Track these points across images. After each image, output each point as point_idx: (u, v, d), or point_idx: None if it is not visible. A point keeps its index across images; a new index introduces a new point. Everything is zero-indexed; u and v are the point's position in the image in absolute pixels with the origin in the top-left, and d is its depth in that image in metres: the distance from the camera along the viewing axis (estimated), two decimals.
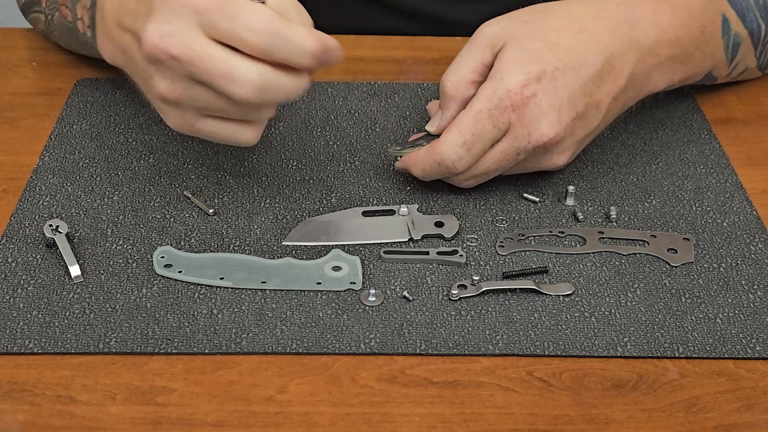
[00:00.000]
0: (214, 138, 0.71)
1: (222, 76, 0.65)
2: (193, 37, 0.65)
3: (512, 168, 0.78)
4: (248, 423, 0.62)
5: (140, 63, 0.69)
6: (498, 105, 0.74)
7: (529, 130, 0.74)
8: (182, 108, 0.69)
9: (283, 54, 0.65)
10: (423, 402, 0.64)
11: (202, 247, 0.74)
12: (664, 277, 0.73)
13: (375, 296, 0.70)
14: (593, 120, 0.77)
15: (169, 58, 0.66)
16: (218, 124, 0.70)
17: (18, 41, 1.00)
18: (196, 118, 0.70)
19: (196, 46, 0.65)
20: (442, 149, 0.75)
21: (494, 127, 0.74)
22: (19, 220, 0.76)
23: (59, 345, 0.66)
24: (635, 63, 0.78)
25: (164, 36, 0.66)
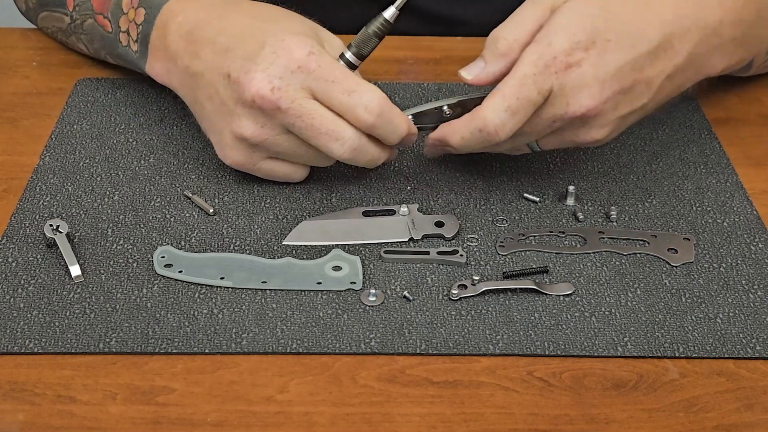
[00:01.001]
0: (269, 175, 0.78)
1: (325, 133, 0.72)
2: (303, 96, 0.71)
3: (549, 138, 0.76)
4: (248, 423, 0.62)
5: (225, 100, 0.73)
6: (543, 71, 0.71)
7: (568, 99, 0.72)
8: (255, 150, 0.75)
9: (381, 132, 0.73)
10: (423, 402, 0.64)
11: (203, 247, 0.74)
12: (664, 277, 0.73)
13: (375, 296, 0.70)
14: (641, 97, 0.74)
15: (273, 109, 0.71)
16: (281, 165, 0.77)
17: (18, 41, 1.00)
18: (262, 159, 0.76)
19: (304, 104, 0.71)
20: (485, 114, 0.72)
21: (538, 93, 0.71)
22: (19, 220, 0.76)
23: (59, 345, 0.66)
24: (696, 42, 0.75)
25: (275, 89, 0.71)
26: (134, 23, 0.83)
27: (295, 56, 0.71)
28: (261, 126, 0.73)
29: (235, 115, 0.73)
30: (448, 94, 0.92)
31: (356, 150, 0.73)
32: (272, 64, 0.71)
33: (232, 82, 0.72)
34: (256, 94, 0.71)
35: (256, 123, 0.73)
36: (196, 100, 0.77)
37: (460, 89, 0.93)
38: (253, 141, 0.74)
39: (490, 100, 0.72)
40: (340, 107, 0.72)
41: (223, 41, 0.74)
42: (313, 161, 0.77)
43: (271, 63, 0.71)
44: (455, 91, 0.93)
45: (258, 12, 0.77)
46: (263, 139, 0.73)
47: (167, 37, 0.79)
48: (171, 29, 0.78)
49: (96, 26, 0.89)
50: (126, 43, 0.85)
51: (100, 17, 0.88)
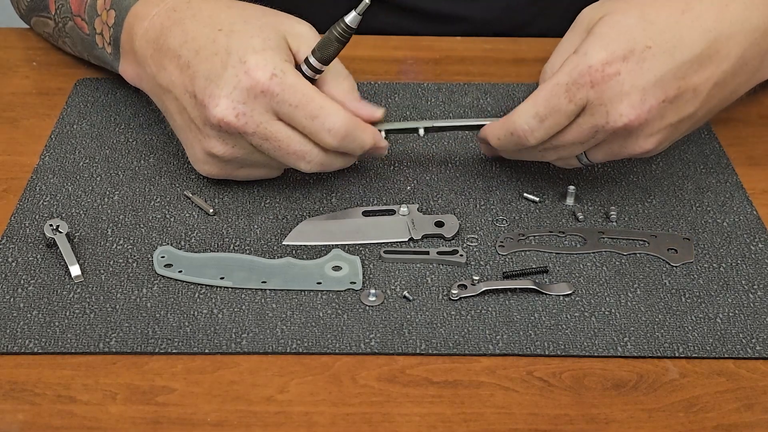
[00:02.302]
0: (247, 179, 0.79)
1: (295, 154, 0.73)
2: (268, 120, 0.72)
3: (597, 150, 0.75)
4: (248, 423, 0.62)
5: (193, 119, 0.74)
6: (576, 80, 0.70)
7: (607, 109, 0.70)
8: (228, 163, 0.76)
9: (347, 149, 0.74)
10: (423, 402, 0.64)
11: (203, 247, 0.74)
12: (664, 276, 0.73)
13: (375, 296, 0.70)
14: (688, 106, 0.72)
15: (239, 131, 0.72)
16: (254, 170, 0.78)
17: (18, 41, 1.00)
18: (234, 169, 0.77)
19: (271, 128, 0.72)
20: (515, 118, 0.73)
21: (570, 101, 0.71)
22: (19, 220, 0.76)
23: (59, 345, 0.66)
24: (746, 47, 0.73)
25: (240, 115, 0.71)
26: (107, 25, 0.83)
27: (257, 80, 0.70)
28: (231, 146, 0.73)
29: (205, 134, 0.74)
30: (448, 94, 0.92)
31: (323, 164, 0.74)
32: (235, 89, 0.71)
33: (198, 103, 0.73)
34: (222, 120, 0.71)
35: (226, 144, 0.73)
36: (167, 111, 0.78)
37: (460, 89, 0.93)
38: (224, 158, 0.74)
39: (522, 106, 0.73)
40: (305, 130, 0.72)
41: (185, 55, 0.74)
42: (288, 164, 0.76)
43: (234, 87, 0.71)
44: (455, 91, 0.93)
45: (216, 16, 0.75)
46: (234, 156, 0.74)
47: (134, 41, 0.78)
48: (138, 34, 0.78)
49: (75, 28, 0.89)
50: (102, 45, 0.85)
51: (78, 19, 0.88)
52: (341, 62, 0.77)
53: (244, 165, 0.76)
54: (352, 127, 0.73)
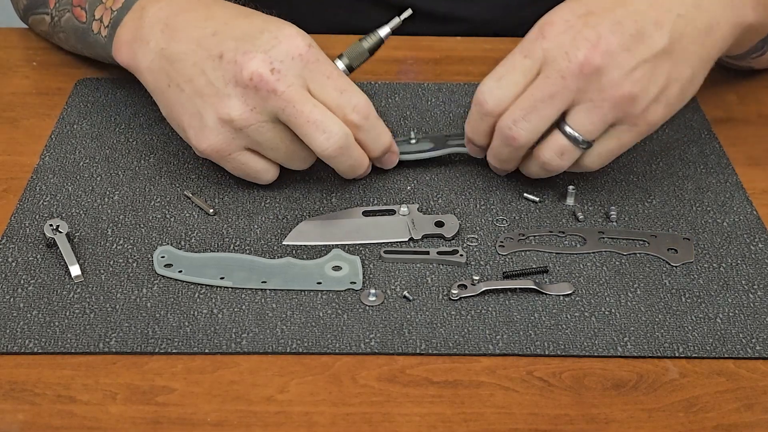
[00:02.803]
0: (239, 169, 0.76)
1: (314, 123, 0.72)
2: (299, 84, 0.72)
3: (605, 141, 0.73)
4: (248, 423, 0.62)
5: (213, 81, 0.72)
6: (527, 39, 0.73)
7: (566, 49, 0.71)
8: (237, 136, 0.74)
9: (365, 137, 0.75)
10: (423, 402, 0.64)
11: (203, 247, 0.74)
12: (664, 276, 0.73)
13: (375, 296, 0.70)
14: (656, 39, 0.71)
15: (269, 90, 0.71)
16: (254, 159, 0.76)
17: (18, 41, 1.00)
18: (239, 148, 0.75)
19: (299, 91, 0.72)
20: (477, 92, 0.74)
21: (525, 57, 0.72)
22: (19, 220, 0.76)
23: (59, 345, 0.66)
24: None
25: (275, 71, 0.71)
26: (110, 10, 0.82)
27: (296, 44, 0.72)
28: (251, 108, 0.72)
29: (224, 95, 0.72)
30: (448, 94, 0.92)
31: (341, 148, 0.73)
32: (273, 48, 0.71)
33: (226, 62, 0.72)
34: (255, 72, 0.71)
35: (246, 105, 0.72)
36: (170, 84, 0.75)
37: (460, 89, 0.93)
38: (238, 124, 0.72)
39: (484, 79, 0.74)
40: (331, 103, 0.73)
41: (211, 26, 0.74)
42: (291, 159, 0.76)
43: (272, 46, 0.71)
44: (455, 91, 0.93)
45: (243, 8, 0.77)
46: (249, 123, 0.72)
47: (143, 18, 0.78)
48: (149, 12, 0.77)
49: (72, 19, 0.88)
50: (97, 30, 0.84)
51: (77, 9, 0.87)
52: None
53: (249, 144, 0.74)
54: (375, 115, 0.75)
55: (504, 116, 0.73)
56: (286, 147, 0.75)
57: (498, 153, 0.76)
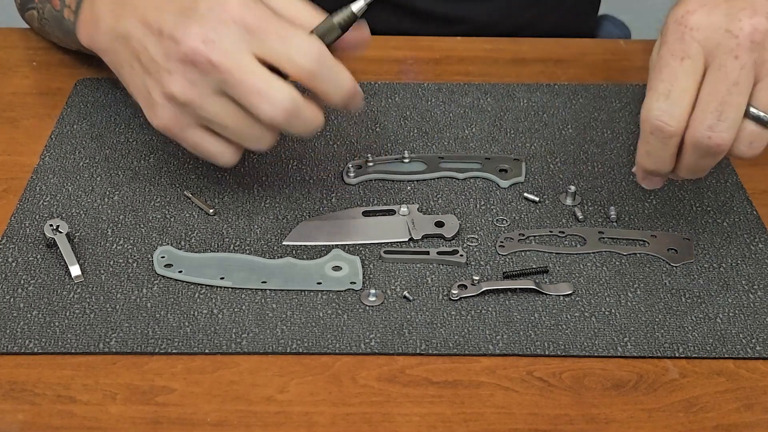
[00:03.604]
0: (195, 149, 0.73)
1: (257, 92, 0.68)
2: (237, 51, 0.68)
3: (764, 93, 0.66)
4: (248, 423, 0.62)
5: (155, 57, 0.70)
6: (673, 38, 0.65)
7: (726, 27, 0.64)
8: (184, 112, 0.71)
9: (323, 84, 0.69)
10: (423, 402, 0.64)
11: (203, 247, 0.74)
12: (664, 277, 0.73)
13: (375, 296, 0.70)
14: None
15: (206, 63, 0.68)
16: (208, 138, 0.72)
17: (18, 41, 1.00)
18: (189, 126, 0.72)
19: (238, 59, 0.68)
20: (644, 116, 0.67)
21: (681, 60, 0.65)
22: (19, 220, 0.76)
23: (59, 345, 0.66)
24: None
25: (208, 42, 0.68)
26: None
27: (230, 8, 0.69)
28: (191, 84, 0.69)
29: (166, 71, 0.70)
30: (448, 94, 0.92)
31: (289, 113, 0.69)
32: (206, 19, 0.69)
33: (166, 38, 0.70)
34: (190, 46, 0.68)
35: (185, 80, 0.69)
36: (123, 62, 0.74)
37: (460, 89, 0.93)
38: (181, 99, 0.70)
39: (645, 99, 0.67)
40: (277, 57, 0.68)
41: (167, 7, 0.71)
42: (243, 135, 0.71)
43: (206, 17, 0.69)
44: (455, 91, 0.92)
45: None
46: (192, 98, 0.70)
47: (95, 1, 0.77)
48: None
49: (51, 9, 0.88)
50: (68, 17, 0.84)
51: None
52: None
53: (199, 120, 0.71)
54: (329, 56, 0.69)
55: (695, 128, 0.66)
56: (235, 122, 0.70)
57: (694, 167, 0.69)
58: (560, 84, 0.94)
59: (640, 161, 0.70)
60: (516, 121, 0.89)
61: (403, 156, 0.83)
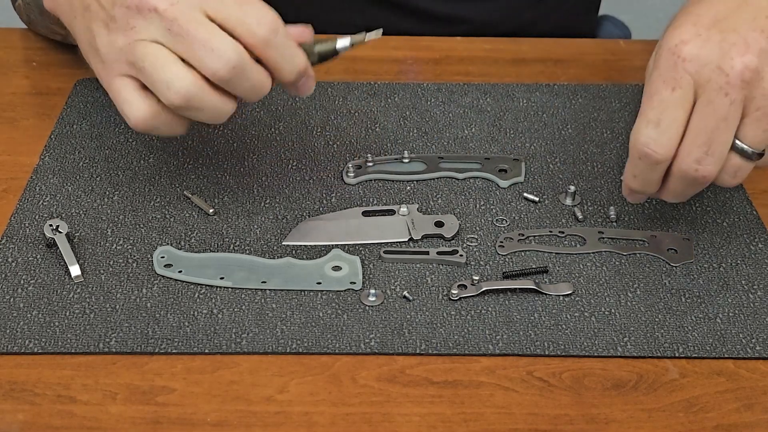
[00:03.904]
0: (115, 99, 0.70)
1: (202, 42, 0.65)
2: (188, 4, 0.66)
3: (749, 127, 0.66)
4: (248, 423, 0.62)
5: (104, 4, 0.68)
6: (665, 67, 0.66)
7: (717, 63, 0.64)
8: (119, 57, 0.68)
9: (275, 54, 0.67)
10: (423, 402, 0.64)
11: (202, 247, 0.74)
12: (664, 277, 0.73)
13: (375, 296, 0.70)
14: None
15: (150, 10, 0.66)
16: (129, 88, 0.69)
17: (18, 41, 1.00)
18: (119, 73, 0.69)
19: (186, 11, 0.65)
20: (633, 140, 0.67)
21: (673, 89, 0.65)
22: (19, 220, 0.76)
23: (59, 345, 0.66)
24: None
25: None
26: None
27: None
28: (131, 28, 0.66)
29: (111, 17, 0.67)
30: (448, 94, 0.92)
31: (235, 68, 0.66)
32: None
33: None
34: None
35: (128, 24, 0.66)
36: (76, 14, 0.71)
37: (460, 89, 0.93)
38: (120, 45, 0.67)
39: (634, 126, 0.68)
40: (231, 20, 0.66)
41: None
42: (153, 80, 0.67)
43: None
44: (455, 91, 0.93)
45: None
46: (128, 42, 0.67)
47: None
48: None
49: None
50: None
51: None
52: None
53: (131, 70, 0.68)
54: (284, 30, 0.67)
55: (682, 159, 0.67)
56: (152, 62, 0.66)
57: (678, 193, 0.70)
58: (560, 84, 0.94)
59: (627, 181, 0.71)
60: (516, 122, 0.89)
61: (403, 156, 0.83)
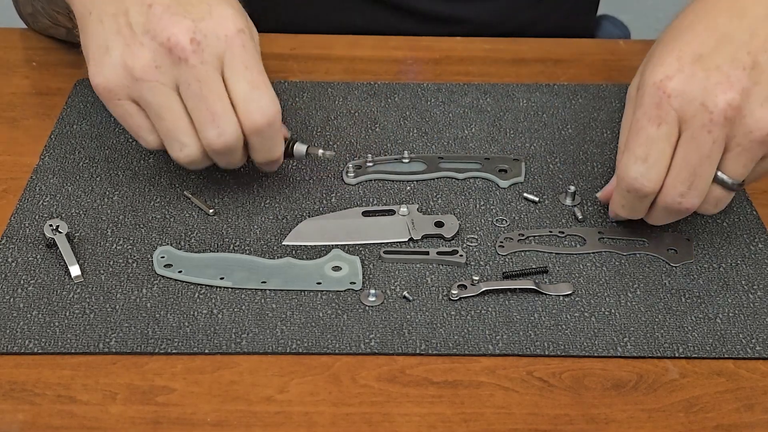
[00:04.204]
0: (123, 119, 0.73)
1: (212, 114, 0.69)
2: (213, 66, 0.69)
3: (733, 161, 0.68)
4: (248, 423, 0.62)
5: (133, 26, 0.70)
6: (650, 103, 0.67)
7: (702, 101, 0.66)
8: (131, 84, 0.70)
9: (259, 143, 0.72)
10: (423, 402, 0.64)
11: (202, 247, 0.74)
12: (664, 277, 0.73)
13: (375, 296, 0.70)
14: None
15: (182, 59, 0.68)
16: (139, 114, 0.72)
17: (18, 41, 1.00)
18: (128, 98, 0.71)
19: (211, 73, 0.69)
20: (621, 175, 0.70)
21: (658, 125, 0.67)
22: (19, 220, 0.76)
23: (59, 345, 0.66)
24: None
25: (194, 42, 0.69)
26: None
27: (227, 24, 0.69)
28: (156, 66, 0.69)
29: (138, 43, 0.69)
30: (448, 94, 0.92)
31: (227, 148, 0.71)
32: (203, 20, 0.69)
33: (152, 14, 0.69)
34: (174, 36, 0.68)
35: (154, 61, 0.69)
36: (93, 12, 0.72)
37: (460, 89, 0.93)
38: (138, 74, 0.69)
39: (620, 162, 0.70)
40: (239, 96, 0.70)
41: None
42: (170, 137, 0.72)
43: (202, 18, 0.69)
44: (454, 92, 0.93)
45: None
46: (148, 78, 0.69)
47: None
48: None
49: None
50: None
51: None
52: None
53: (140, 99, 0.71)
54: (279, 123, 0.72)
55: (666, 193, 0.69)
56: (172, 121, 0.71)
57: (663, 220, 0.72)
58: (560, 84, 0.94)
59: (615, 209, 0.73)
60: (515, 122, 0.89)
61: (403, 156, 0.83)
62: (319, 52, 0.98)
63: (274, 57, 0.96)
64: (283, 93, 0.90)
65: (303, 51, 0.98)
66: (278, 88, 0.72)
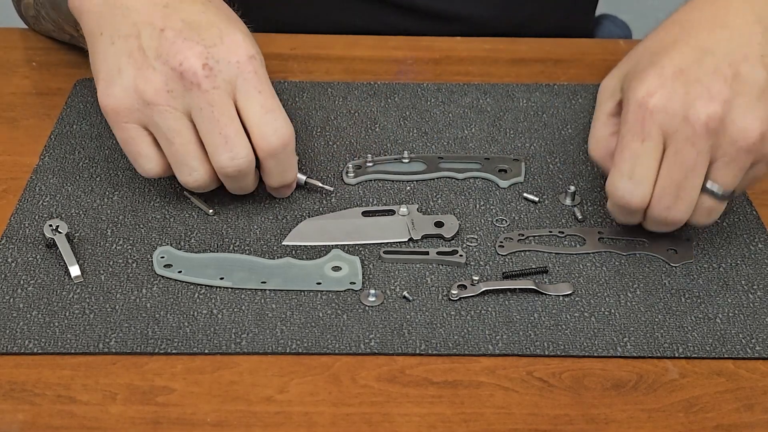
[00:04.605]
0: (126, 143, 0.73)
1: (225, 137, 0.70)
2: (225, 91, 0.70)
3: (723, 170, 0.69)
4: (248, 423, 0.62)
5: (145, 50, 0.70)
6: (633, 120, 0.68)
7: (684, 115, 0.67)
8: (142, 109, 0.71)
9: (274, 166, 0.73)
10: (423, 402, 0.64)
11: (202, 247, 0.74)
12: (664, 277, 0.73)
13: (375, 296, 0.70)
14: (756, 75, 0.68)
15: (194, 84, 0.69)
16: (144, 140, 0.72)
17: (18, 41, 1.00)
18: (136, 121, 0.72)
19: (224, 99, 0.70)
20: (609, 191, 0.71)
21: (643, 141, 0.68)
22: (19, 220, 0.76)
23: (59, 345, 0.66)
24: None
25: (207, 67, 0.69)
26: None
27: (238, 51, 0.70)
28: (168, 90, 0.70)
29: (150, 66, 0.70)
30: (448, 94, 0.92)
31: (240, 172, 0.72)
32: (215, 46, 0.70)
33: (165, 38, 0.70)
34: (187, 61, 0.69)
35: (166, 85, 0.69)
36: (104, 33, 0.73)
37: (460, 89, 0.93)
38: (149, 97, 0.70)
39: (608, 178, 0.71)
40: (252, 120, 0.71)
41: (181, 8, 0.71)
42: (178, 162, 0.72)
43: (214, 44, 0.70)
44: (454, 92, 0.92)
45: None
46: (159, 103, 0.70)
47: None
48: None
49: None
50: None
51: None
52: None
53: (149, 124, 0.71)
54: (293, 146, 0.73)
55: (654, 206, 0.70)
56: (182, 145, 0.71)
57: (656, 230, 0.73)
58: (560, 84, 0.94)
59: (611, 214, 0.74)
60: (515, 122, 0.89)
61: (403, 156, 0.83)
62: (318, 52, 0.98)
63: (274, 57, 0.96)
64: (283, 93, 0.90)
65: (303, 51, 0.98)
66: (278, 88, 0.72)
